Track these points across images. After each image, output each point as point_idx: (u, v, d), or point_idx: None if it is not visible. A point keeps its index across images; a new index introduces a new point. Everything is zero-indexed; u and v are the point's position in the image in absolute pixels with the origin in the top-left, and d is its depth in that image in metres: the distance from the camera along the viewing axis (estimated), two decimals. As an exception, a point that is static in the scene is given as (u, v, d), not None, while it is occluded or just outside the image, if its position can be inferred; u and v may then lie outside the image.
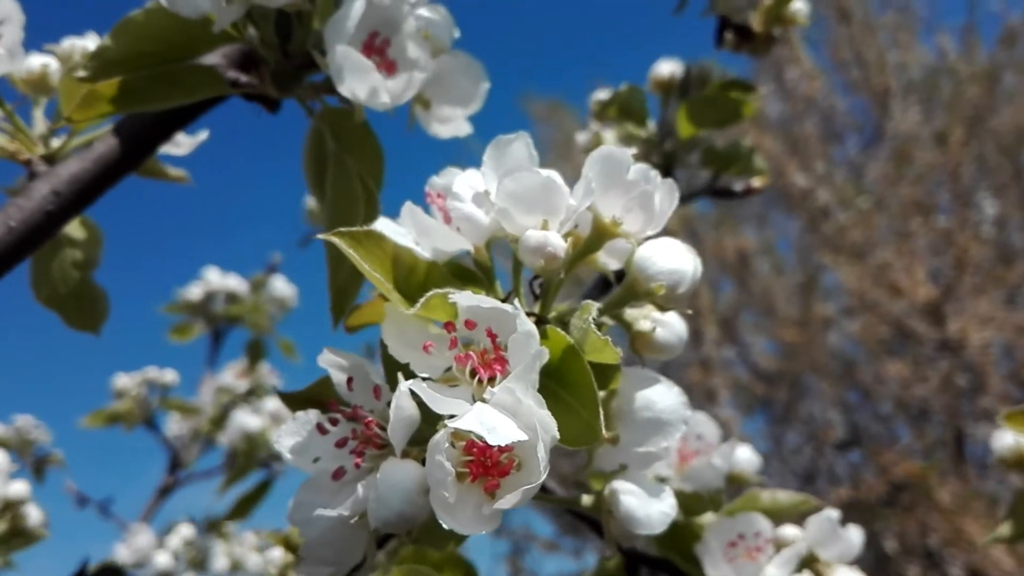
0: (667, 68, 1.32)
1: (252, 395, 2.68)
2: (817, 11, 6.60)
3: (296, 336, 2.73)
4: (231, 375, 2.79)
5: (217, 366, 2.79)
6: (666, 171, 1.31)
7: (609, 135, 1.31)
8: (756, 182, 1.31)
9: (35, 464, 2.35)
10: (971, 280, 5.61)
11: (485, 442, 0.51)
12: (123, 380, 2.53)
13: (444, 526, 0.53)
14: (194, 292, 2.65)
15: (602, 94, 1.35)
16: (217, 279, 2.67)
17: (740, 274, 6.61)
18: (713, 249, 6.49)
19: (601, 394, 0.65)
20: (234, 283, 2.69)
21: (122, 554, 2.31)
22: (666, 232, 0.66)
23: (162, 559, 2.33)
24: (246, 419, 2.49)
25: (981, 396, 5.44)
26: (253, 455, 2.42)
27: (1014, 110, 6.05)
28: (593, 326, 0.59)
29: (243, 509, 2.48)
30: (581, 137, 1.35)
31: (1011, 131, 6.01)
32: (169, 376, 2.58)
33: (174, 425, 2.78)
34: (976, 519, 4.82)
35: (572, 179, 0.64)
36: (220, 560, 2.49)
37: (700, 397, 6.29)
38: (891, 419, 6.07)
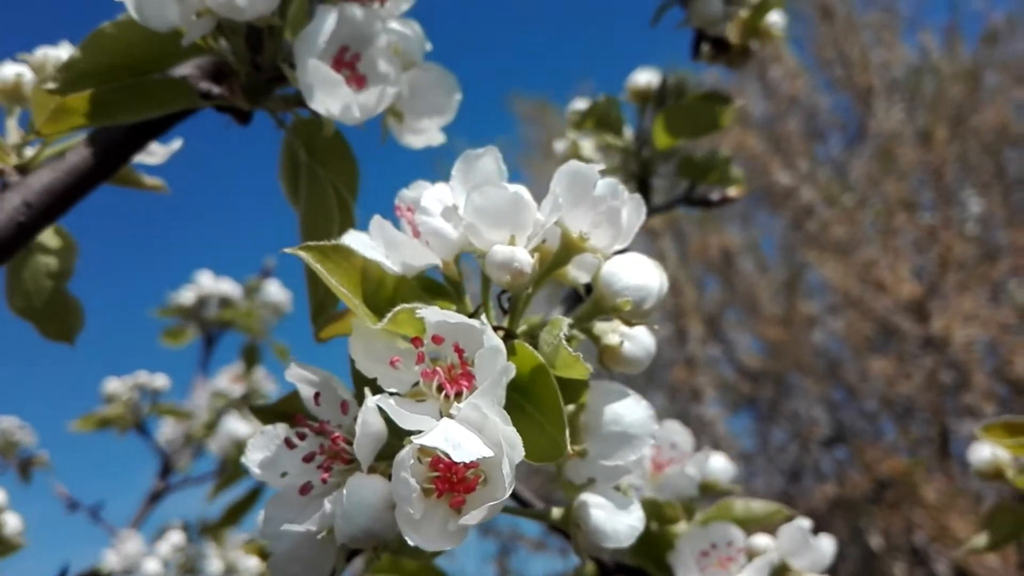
0: (644, 77, 1.32)
1: (247, 400, 2.67)
2: (800, 9, 6.64)
3: (291, 341, 2.73)
4: (226, 380, 2.77)
5: (210, 371, 2.78)
6: (642, 180, 1.32)
7: (587, 144, 1.32)
8: (732, 191, 1.31)
9: (20, 466, 2.35)
10: (955, 277, 5.63)
11: (450, 458, 0.51)
12: (114, 384, 2.52)
13: (409, 543, 0.53)
14: (187, 296, 2.64)
15: (580, 104, 1.35)
16: (210, 283, 2.66)
17: (724, 272, 6.63)
18: (697, 248, 6.51)
19: (570, 408, 0.66)
20: (227, 287, 2.67)
21: (111, 560, 2.30)
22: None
23: (151, 566, 2.32)
24: (235, 426, 2.48)
25: (965, 393, 5.46)
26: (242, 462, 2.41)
27: (996, 108, 6.08)
28: (564, 342, 0.59)
29: (233, 516, 2.47)
30: (559, 146, 1.35)
31: (993, 129, 6.04)
32: (160, 381, 2.56)
33: (167, 430, 2.76)
34: (961, 516, 4.84)
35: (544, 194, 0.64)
36: (214, 564, 2.48)
37: (685, 396, 6.31)
38: (876, 416, 6.10)
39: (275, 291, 2.70)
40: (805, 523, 0.96)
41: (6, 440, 2.31)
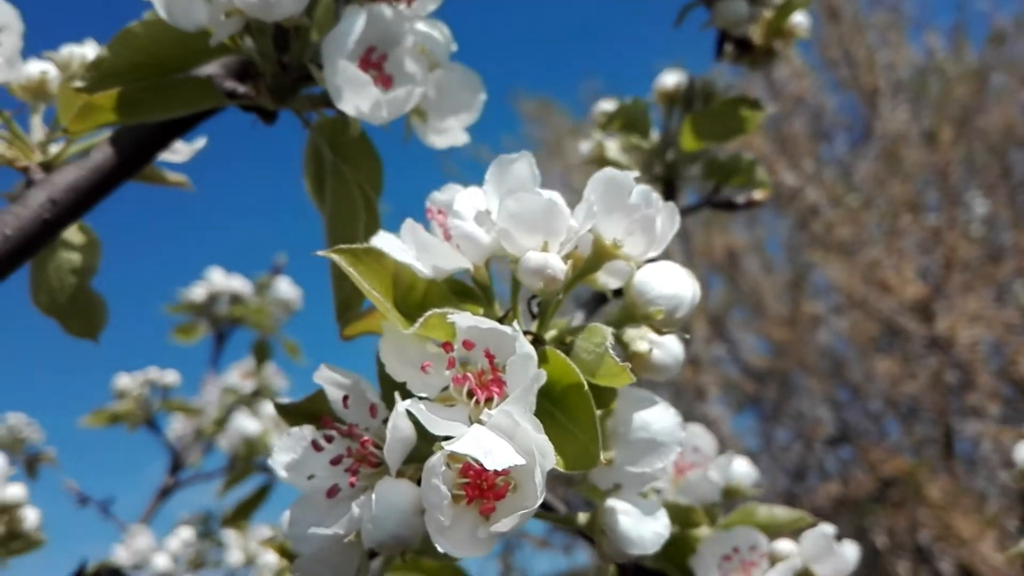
0: (672, 79, 1.31)
1: (258, 396, 2.67)
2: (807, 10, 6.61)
3: (301, 337, 2.73)
4: (237, 376, 2.77)
5: (220, 367, 2.78)
6: (668, 182, 1.31)
7: (612, 145, 1.31)
8: (758, 194, 1.30)
9: (27, 462, 2.35)
10: (960, 278, 5.63)
11: (482, 465, 0.51)
12: (124, 380, 2.52)
13: (439, 548, 0.53)
14: (198, 293, 2.64)
15: (607, 105, 1.34)
16: (221, 280, 2.66)
17: (730, 272, 6.63)
18: (702, 248, 6.51)
19: (598, 414, 0.66)
20: (238, 284, 2.68)
21: (121, 555, 2.30)
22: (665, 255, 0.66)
23: (161, 561, 2.32)
24: (245, 422, 2.48)
25: (970, 393, 5.46)
26: (252, 459, 2.42)
27: (1002, 109, 6.07)
28: (610, 351, 0.59)
29: (242, 513, 2.47)
30: (584, 146, 1.34)
31: (999, 130, 6.03)
32: (170, 377, 2.56)
33: (177, 426, 2.77)
34: (965, 515, 4.84)
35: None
36: (235, 554, 2.48)
37: (690, 395, 6.31)
38: (881, 416, 6.10)
39: (286, 288, 2.71)
40: (829, 529, 0.96)
41: (13, 437, 2.31)
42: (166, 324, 2.67)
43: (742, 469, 1.05)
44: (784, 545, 0.96)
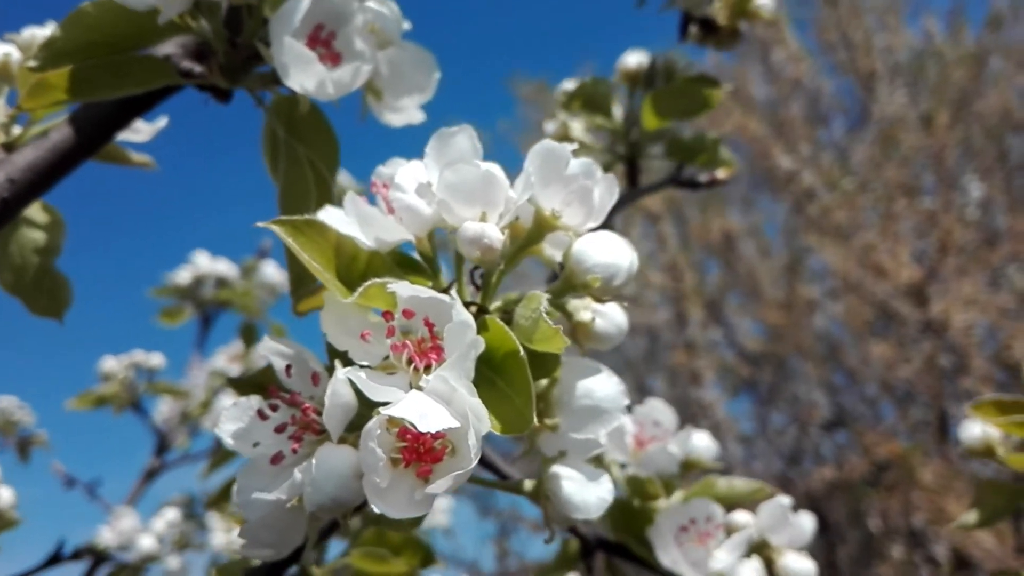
0: (634, 59, 1.33)
1: (245, 379, 2.67)
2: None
3: (287, 321, 2.73)
4: (224, 359, 2.78)
5: (206, 350, 2.80)
6: (631, 161, 1.32)
7: (576, 125, 1.32)
8: (721, 173, 1.31)
9: (19, 445, 2.36)
10: (955, 262, 5.63)
11: (417, 429, 0.52)
12: (110, 363, 2.53)
13: (375, 510, 0.54)
14: (183, 276, 2.64)
15: (569, 84, 1.36)
16: (206, 263, 2.66)
17: (725, 256, 6.63)
18: (698, 231, 6.51)
19: (543, 383, 0.67)
20: (223, 267, 2.68)
21: (106, 537, 2.31)
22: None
23: (146, 542, 2.33)
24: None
25: (964, 377, 5.47)
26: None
27: (1000, 93, 6.07)
28: (544, 315, 0.60)
29: (228, 494, 2.47)
30: (549, 127, 1.35)
31: (996, 114, 6.03)
32: (156, 360, 2.57)
33: (163, 408, 2.77)
34: (958, 498, 4.86)
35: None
36: (218, 537, 2.49)
37: (685, 379, 6.32)
38: (876, 400, 6.11)
39: (271, 271, 2.71)
40: (785, 500, 0.97)
41: (5, 419, 2.32)
42: (152, 307, 2.68)
43: (702, 443, 1.07)
44: (740, 516, 0.98)
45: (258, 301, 2.64)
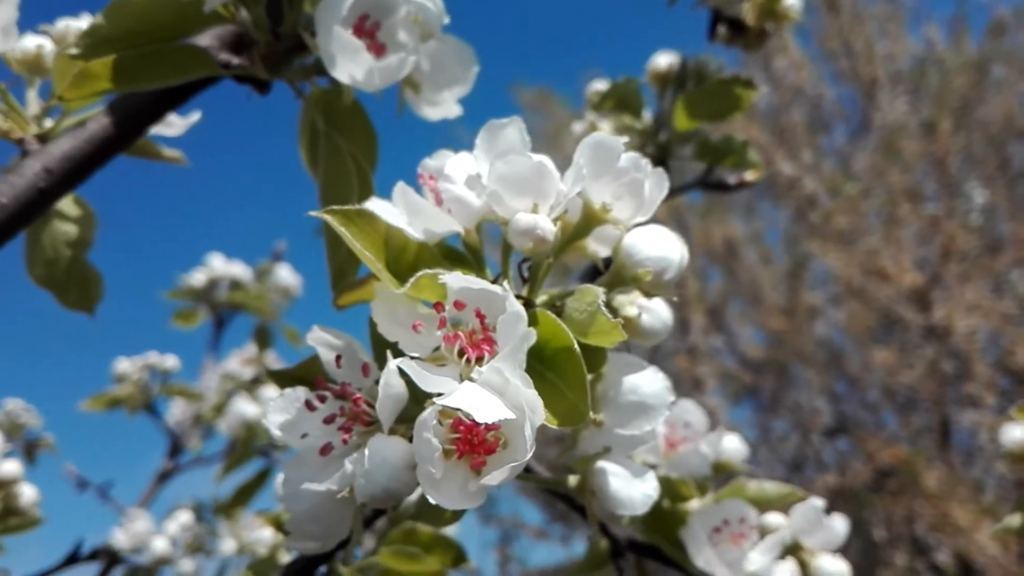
0: (664, 60, 1.33)
1: (258, 382, 2.67)
2: (806, 0, 6.61)
3: (301, 325, 2.73)
4: (237, 362, 2.78)
5: (220, 353, 2.79)
6: (660, 162, 1.32)
7: (605, 125, 1.32)
8: (749, 175, 1.31)
9: (26, 447, 2.35)
10: (958, 268, 5.64)
11: (472, 420, 0.52)
12: (124, 365, 2.52)
13: (431, 500, 0.54)
14: (198, 279, 2.64)
15: (600, 85, 1.36)
16: (221, 265, 2.66)
17: (728, 263, 6.63)
18: (701, 238, 6.51)
19: (588, 377, 0.67)
20: (238, 270, 2.68)
21: (119, 539, 2.30)
22: (654, 221, 0.67)
23: (160, 544, 2.32)
24: (244, 407, 2.48)
25: (967, 383, 5.47)
26: (251, 443, 2.42)
27: (1002, 100, 6.08)
28: (603, 308, 0.60)
29: (242, 497, 2.46)
30: (577, 127, 1.35)
31: (999, 121, 6.04)
32: (170, 361, 2.56)
33: (177, 410, 2.77)
34: (961, 504, 4.86)
35: (562, 168, 0.65)
36: (228, 543, 2.49)
37: (687, 386, 6.31)
38: (878, 406, 6.11)
39: (286, 275, 2.71)
40: (818, 502, 0.97)
41: (12, 422, 2.31)
42: (166, 309, 2.68)
43: (733, 445, 1.06)
44: (774, 518, 0.97)
45: (272, 304, 2.64)
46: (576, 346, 0.57)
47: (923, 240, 5.91)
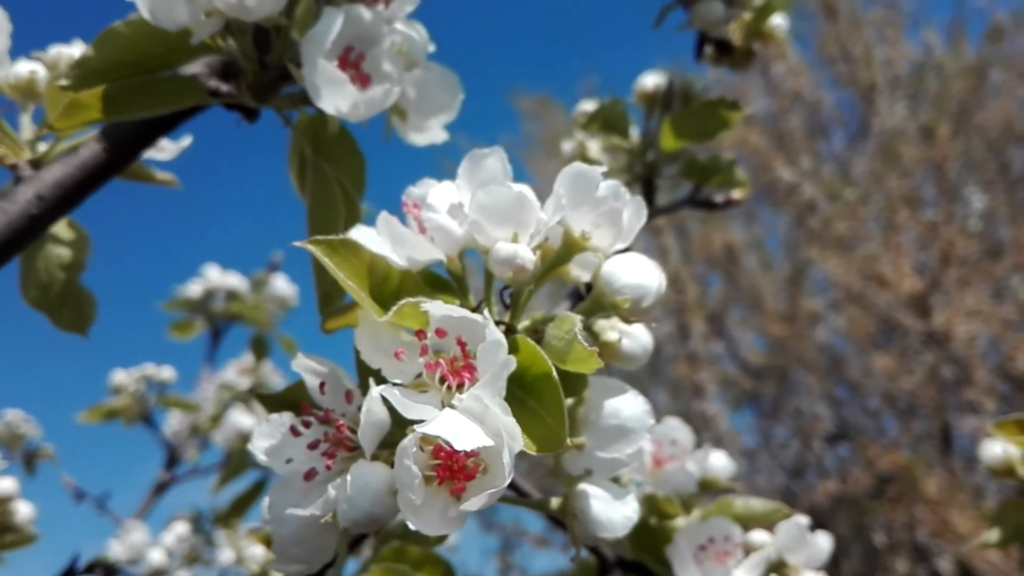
0: (651, 81, 1.34)
1: (254, 392, 2.66)
2: (804, 6, 6.64)
3: (297, 335, 2.74)
4: (233, 373, 2.79)
5: (216, 363, 2.80)
6: (647, 181, 1.33)
7: (593, 145, 1.33)
8: (736, 194, 1.32)
9: (25, 458, 2.36)
10: (957, 273, 5.64)
11: (452, 447, 0.53)
12: (120, 376, 2.53)
13: (411, 527, 0.55)
14: (194, 290, 2.65)
15: (587, 105, 1.37)
16: (217, 276, 2.67)
17: (728, 269, 6.64)
18: (701, 244, 6.52)
19: (569, 401, 0.68)
20: (234, 281, 2.69)
21: (116, 550, 2.31)
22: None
23: (156, 556, 2.33)
24: (241, 418, 2.49)
25: (967, 389, 5.47)
26: (247, 454, 2.43)
27: (1000, 105, 6.09)
28: (579, 337, 0.61)
29: (238, 509, 2.47)
30: (566, 146, 1.37)
31: (997, 126, 6.04)
32: (166, 373, 2.58)
33: (173, 421, 2.78)
34: (962, 511, 4.85)
35: (547, 194, 0.66)
36: (226, 553, 2.50)
37: (688, 392, 6.32)
38: (878, 413, 6.11)
39: (282, 285, 2.72)
40: (803, 520, 0.98)
41: (11, 433, 2.32)
42: (163, 321, 2.69)
43: (719, 462, 1.07)
44: (758, 536, 0.98)
45: (268, 314, 2.65)
46: (554, 373, 0.58)
47: (922, 245, 5.91)
